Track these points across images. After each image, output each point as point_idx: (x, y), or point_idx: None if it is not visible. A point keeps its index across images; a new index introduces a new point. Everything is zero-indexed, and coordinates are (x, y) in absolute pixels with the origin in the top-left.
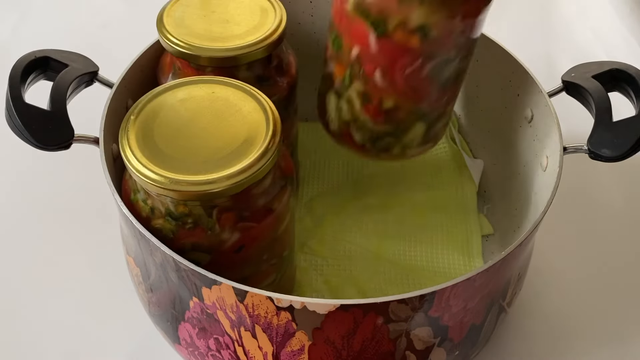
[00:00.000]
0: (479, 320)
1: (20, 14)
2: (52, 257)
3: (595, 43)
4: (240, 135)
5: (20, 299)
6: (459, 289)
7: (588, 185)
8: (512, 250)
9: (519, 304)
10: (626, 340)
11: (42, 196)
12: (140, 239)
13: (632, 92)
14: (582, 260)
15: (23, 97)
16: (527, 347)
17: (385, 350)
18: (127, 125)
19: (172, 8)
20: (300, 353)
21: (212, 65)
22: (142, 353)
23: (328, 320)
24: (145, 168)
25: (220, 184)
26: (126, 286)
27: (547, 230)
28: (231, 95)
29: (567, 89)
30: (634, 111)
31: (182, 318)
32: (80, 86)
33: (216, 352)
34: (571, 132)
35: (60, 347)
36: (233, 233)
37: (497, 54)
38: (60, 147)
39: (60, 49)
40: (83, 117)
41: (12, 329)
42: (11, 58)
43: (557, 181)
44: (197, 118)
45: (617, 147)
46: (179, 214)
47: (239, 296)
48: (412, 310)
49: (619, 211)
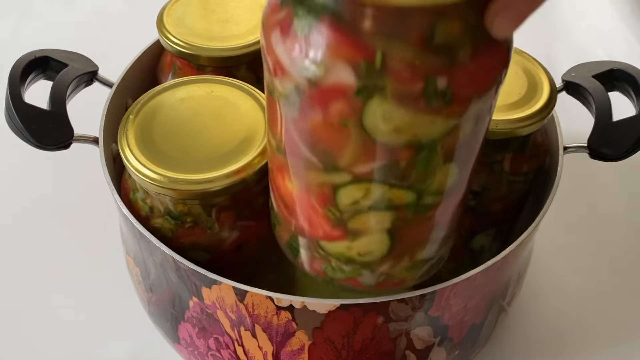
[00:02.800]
0: (479, 320)
1: (20, 13)
2: (51, 257)
3: (596, 43)
4: (239, 134)
5: (20, 299)
6: (459, 288)
7: (588, 185)
8: (512, 250)
9: (519, 303)
10: (626, 340)
11: (41, 196)
12: (139, 239)
13: (632, 91)
14: (582, 260)
15: (23, 96)
16: (527, 346)
17: (386, 349)
18: (126, 125)
19: (172, 8)
20: (301, 353)
21: (212, 64)
22: (142, 353)
23: (328, 319)
24: (144, 167)
25: (219, 182)
26: (126, 286)
27: (547, 230)
28: (230, 95)
29: (568, 89)
30: (634, 111)
31: (181, 318)
32: (80, 86)
33: (216, 352)
34: (571, 132)
35: (60, 347)
36: (232, 232)
37: None
38: (60, 147)
39: (60, 49)
40: (83, 117)
41: (12, 329)
42: (11, 58)
43: (557, 181)
44: (196, 117)
45: (617, 146)
46: (178, 213)
47: (238, 296)
48: (412, 309)
49: (619, 211)
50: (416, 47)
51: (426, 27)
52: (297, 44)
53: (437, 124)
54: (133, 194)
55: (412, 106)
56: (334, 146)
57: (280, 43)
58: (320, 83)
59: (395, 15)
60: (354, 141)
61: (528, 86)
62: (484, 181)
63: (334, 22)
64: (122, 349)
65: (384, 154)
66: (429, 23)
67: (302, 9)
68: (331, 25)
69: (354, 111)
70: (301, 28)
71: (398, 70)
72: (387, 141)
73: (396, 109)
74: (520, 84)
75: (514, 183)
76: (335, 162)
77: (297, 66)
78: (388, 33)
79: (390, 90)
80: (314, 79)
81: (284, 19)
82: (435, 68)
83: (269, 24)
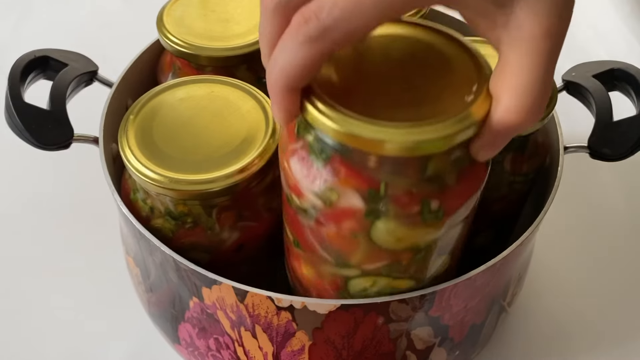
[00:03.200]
0: (479, 320)
1: (20, 13)
2: (51, 257)
3: (596, 42)
4: (240, 134)
5: (20, 299)
6: (460, 289)
7: (588, 185)
8: (512, 250)
9: (519, 303)
10: (626, 340)
11: (41, 196)
12: (139, 239)
13: (633, 91)
14: (582, 260)
15: (22, 96)
16: (528, 347)
17: (386, 350)
18: (126, 125)
19: (172, 7)
20: (301, 353)
21: (212, 64)
22: (142, 353)
23: (328, 320)
24: (144, 167)
25: (220, 183)
26: (126, 286)
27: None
28: (230, 95)
29: (568, 88)
30: (634, 111)
31: (182, 318)
32: (80, 86)
33: (216, 352)
34: (571, 132)
35: (59, 347)
36: (233, 232)
37: None
38: (60, 147)
39: (60, 49)
40: (82, 117)
41: (12, 329)
42: (11, 57)
43: (557, 181)
44: (196, 117)
45: (617, 146)
46: (179, 213)
47: (239, 296)
48: (413, 310)
49: (619, 211)
50: (412, 179)
51: (420, 165)
52: (313, 174)
53: (432, 233)
54: (133, 194)
55: (411, 223)
56: (345, 250)
57: (299, 170)
58: (335, 206)
59: (395, 159)
60: (363, 248)
61: None
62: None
63: (345, 160)
64: (121, 349)
65: (388, 256)
66: (422, 163)
67: (317, 147)
68: (342, 162)
69: (363, 228)
70: (317, 161)
71: (399, 197)
72: (390, 248)
73: (398, 226)
74: None
75: (514, 183)
76: (347, 260)
77: (314, 192)
78: (389, 170)
79: (393, 212)
80: (328, 202)
81: (301, 149)
82: (428, 193)
83: (287, 150)
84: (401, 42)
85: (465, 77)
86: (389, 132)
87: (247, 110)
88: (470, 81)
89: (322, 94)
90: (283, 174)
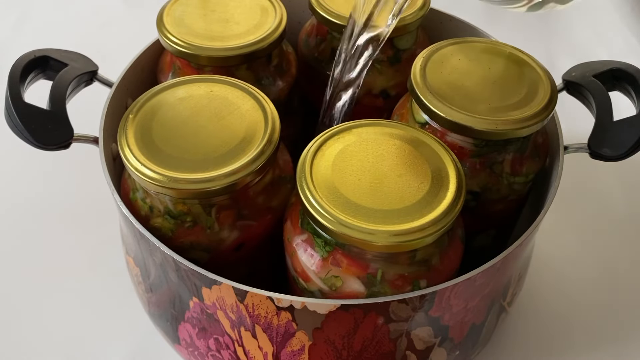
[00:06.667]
0: (479, 320)
1: (20, 13)
2: (51, 256)
3: (596, 42)
4: (239, 134)
5: (20, 299)
6: (460, 289)
7: (588, 185)
8: (512, 250)
9: (519, 304)
10: (626, 340)
11: (41, 196)
12: (139, 239)
13: (633, 91)
14: (582, 260)
15: (22, 96)
16: (528, 347)
17: (386, 350)
18: (125, 124)
19: (171, 7)
20: (301, 353)
21: (212, 64)
22: (142, 353)
23: (328, 320)
24: (143, 166)
25: (219, 182)
26: (126, 286)
27: (547, 230)
28: (230, 94)
29: (568, 88)
30: (634, 110)
31: (182, 318)
32: (80, 85)
33: (216, 352)
34: (572, 132)
35: (59, 347)
36: (232, 231)
37: None
38: (60, 147)
39: (60, 48)
40: (82, 117)
41: (12, 329)
42: (11, 57)
43: (557, 181)
44: (195, 117)
45: (617, 146)
46: (178, 212)
47: (239, 296)
48: (413, 310)
49: (619, 211)
50: (404, 265)
51: (410, 254)
52: (318, 263)
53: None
54: (133, 193)
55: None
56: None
57: (305, 260)
58: (339, 290)
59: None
60: None
61: (528, 86)
62: (484, 182)
63: (346, 252)
64: (122, 349)
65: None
66: (412, 252)
67: (320, 241)
68: (343, 253)
69: None
70: (321, 253)
71: (393, 280)
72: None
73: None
74: (521, 84)
75: (514, 184)
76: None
77: (320, 279)
78: (385, 259)
79: (390, 292)
80: (334, 287)
81: (306, 241)
82: (418, 275)
83: (293, 240)
84: (383, 140)
85: (438, 168)
86: (379, 236)
87: (247, 110)
88: (445, 174)
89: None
90: (290, 260)
